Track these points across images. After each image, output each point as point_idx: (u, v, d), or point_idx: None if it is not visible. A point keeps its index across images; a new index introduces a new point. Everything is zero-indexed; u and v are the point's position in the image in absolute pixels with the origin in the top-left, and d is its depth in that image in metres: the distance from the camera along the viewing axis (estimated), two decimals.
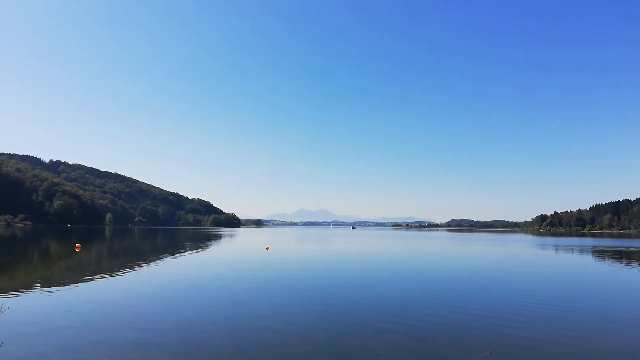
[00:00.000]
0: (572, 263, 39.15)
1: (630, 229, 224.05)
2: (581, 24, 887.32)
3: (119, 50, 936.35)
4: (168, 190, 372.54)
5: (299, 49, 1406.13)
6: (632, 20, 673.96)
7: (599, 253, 51.58)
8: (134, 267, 28.40)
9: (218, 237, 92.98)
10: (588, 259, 42.93)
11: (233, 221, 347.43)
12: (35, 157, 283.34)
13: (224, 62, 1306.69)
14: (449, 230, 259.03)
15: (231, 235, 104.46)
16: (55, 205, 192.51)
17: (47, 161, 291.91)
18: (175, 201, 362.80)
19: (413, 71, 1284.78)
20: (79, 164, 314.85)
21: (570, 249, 60.42)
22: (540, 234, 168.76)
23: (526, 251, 55.99)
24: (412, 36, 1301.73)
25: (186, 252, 44.33)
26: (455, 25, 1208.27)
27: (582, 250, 57.66)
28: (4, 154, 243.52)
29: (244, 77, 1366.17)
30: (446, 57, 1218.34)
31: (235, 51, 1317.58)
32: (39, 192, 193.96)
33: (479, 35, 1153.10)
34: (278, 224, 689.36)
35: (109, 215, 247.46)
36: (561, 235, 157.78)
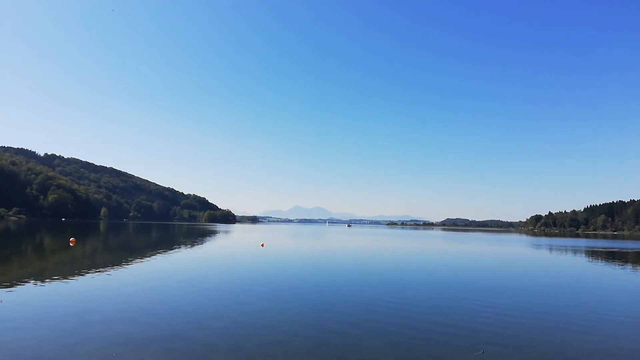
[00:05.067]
0: (566, 263, 39.42)
1: (623, 230, 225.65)
2: (580, 26, 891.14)
3: (115, 45, 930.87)
4: (163, 185, 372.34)
5: (295, 47, 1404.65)
6: (631, 22, 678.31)
7: (592, 254, 51.94)
8: (128, 262, 28.33)
9: (213, 233, 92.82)
10: (581, 260, 43.24)
11: (228, 217, 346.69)
12: (30, 151, 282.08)
13: (221, 58, 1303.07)
14: (444, 229, 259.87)
15: (226, 232, 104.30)
16: (49, 199, 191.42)
17: (42, 155, 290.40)
18: (170, 196, 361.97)
19: (411, 70, 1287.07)
20: (74, 158, 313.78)
21: (563, 249, 60.79)
22: (534, 234, 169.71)
23: (520, 251, 56.31)
24: (410, 35, 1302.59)
25: (180, 248, 44.27)
26: (454, 26, 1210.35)
27: (575, 250, 58.04)
28: None
29: (242, 74, 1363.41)
30: (444, 57, 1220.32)
31: (232, 48, 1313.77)
32: (33, 185, 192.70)
33: (476, 35, 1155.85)
34: (273, 221, 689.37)
35: (103, 210, 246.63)
36: (555, 235, 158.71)
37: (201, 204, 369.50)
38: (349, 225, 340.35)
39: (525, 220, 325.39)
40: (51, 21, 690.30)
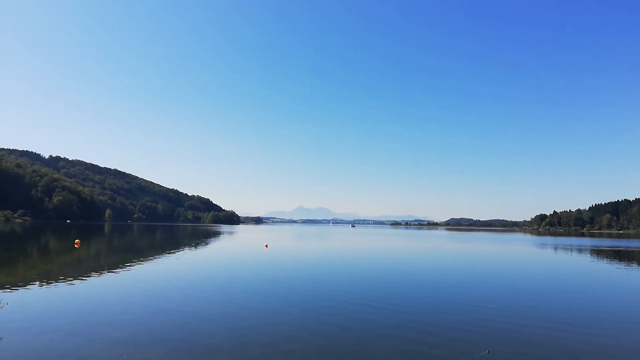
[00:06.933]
0: (571, 262, 39.20)
1: (629, 229, 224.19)
2: (578, 27, 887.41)
3: (118, 47, 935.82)
4: (167, 186, 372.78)
5: (298, 48, 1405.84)
6: (628, 23, 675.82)
7: (597, 253, 51.65)
8: (133, 264, 28.44)
9: (217, 234, 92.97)
10: (586, 259, 42.99)
11: (232, 218, 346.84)
12: (35, 153, 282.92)
13: (221, 58, 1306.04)
14: (448, 229, 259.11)
15: (230, 233, 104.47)
16: (54, 201, 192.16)
17: (47, 157, 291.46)
18: (174, 198, 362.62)
19: (414, 71, 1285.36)
20: (79, 160, 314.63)
21: (568, 248, 60.49)
22: (539, 234, 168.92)
23: (524, 250, 56.05)
24: (413, 37, 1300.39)
25: (185, 249, 44.37)
26: (455, 27, 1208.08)
27: (581, 250, 57.73)
28: (3, 149, 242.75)
29: (243, 75, 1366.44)
30: (447, 58, 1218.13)
31: (235, 49, 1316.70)
32: (38, 187, 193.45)
33: (478, 37, 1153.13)
34: (277, 222, 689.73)
35: (108, 212, 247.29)
36: (560, 234, 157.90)
37: (205, 205, 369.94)
38: (352, 226, 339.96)
39: (529, 219, 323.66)
40: (53, 20, 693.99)
